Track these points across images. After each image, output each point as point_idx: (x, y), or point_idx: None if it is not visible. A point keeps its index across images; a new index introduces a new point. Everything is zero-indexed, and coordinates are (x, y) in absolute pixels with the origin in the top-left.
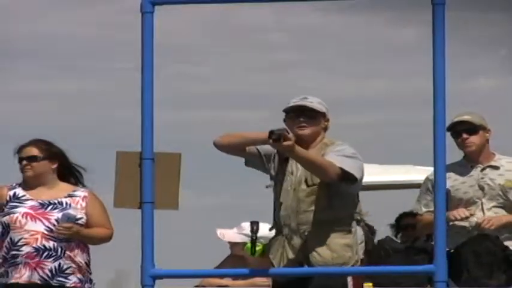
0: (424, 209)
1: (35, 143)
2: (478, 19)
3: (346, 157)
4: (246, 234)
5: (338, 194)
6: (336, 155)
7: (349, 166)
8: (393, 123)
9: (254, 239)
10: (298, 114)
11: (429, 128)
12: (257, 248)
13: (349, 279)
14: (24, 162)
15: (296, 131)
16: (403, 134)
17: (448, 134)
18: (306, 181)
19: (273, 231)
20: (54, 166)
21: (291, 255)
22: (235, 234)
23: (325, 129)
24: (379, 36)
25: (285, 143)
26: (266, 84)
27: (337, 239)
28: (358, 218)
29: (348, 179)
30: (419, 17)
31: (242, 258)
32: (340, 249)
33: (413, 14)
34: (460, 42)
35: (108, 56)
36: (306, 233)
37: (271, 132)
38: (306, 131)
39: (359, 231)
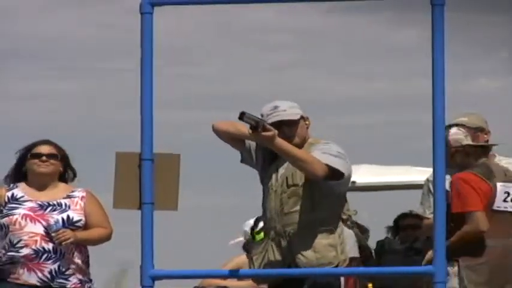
0: (428, 212)
1: (50, 142)
2: (480, 21)
3: (331, 155)
4: None
5: (321, 193)
6: (321, 152)
7: (335, 163)
8: (393, 124)
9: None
10: (278, 126)
11: (429, 129)
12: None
13: (342, 278)
14: (44, 158)
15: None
16: (403, 135)
17: None
18: (287, 181)
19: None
20: (61, 168)
21: (278, 258)
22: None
23: (307, 127)
24: (379, 36)
25: (264, 133)
26: (267, 84)
27: (321, 240)
28: (344, 217)
29: (335, 176)
30: (420, 17)
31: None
32: (324, 250)
33: (414, 14)
34: (462, 43)
35: (108, 56)
36: (291, 235)
37: (242, 113)
38: (296, 140)
39: (346, 231)
